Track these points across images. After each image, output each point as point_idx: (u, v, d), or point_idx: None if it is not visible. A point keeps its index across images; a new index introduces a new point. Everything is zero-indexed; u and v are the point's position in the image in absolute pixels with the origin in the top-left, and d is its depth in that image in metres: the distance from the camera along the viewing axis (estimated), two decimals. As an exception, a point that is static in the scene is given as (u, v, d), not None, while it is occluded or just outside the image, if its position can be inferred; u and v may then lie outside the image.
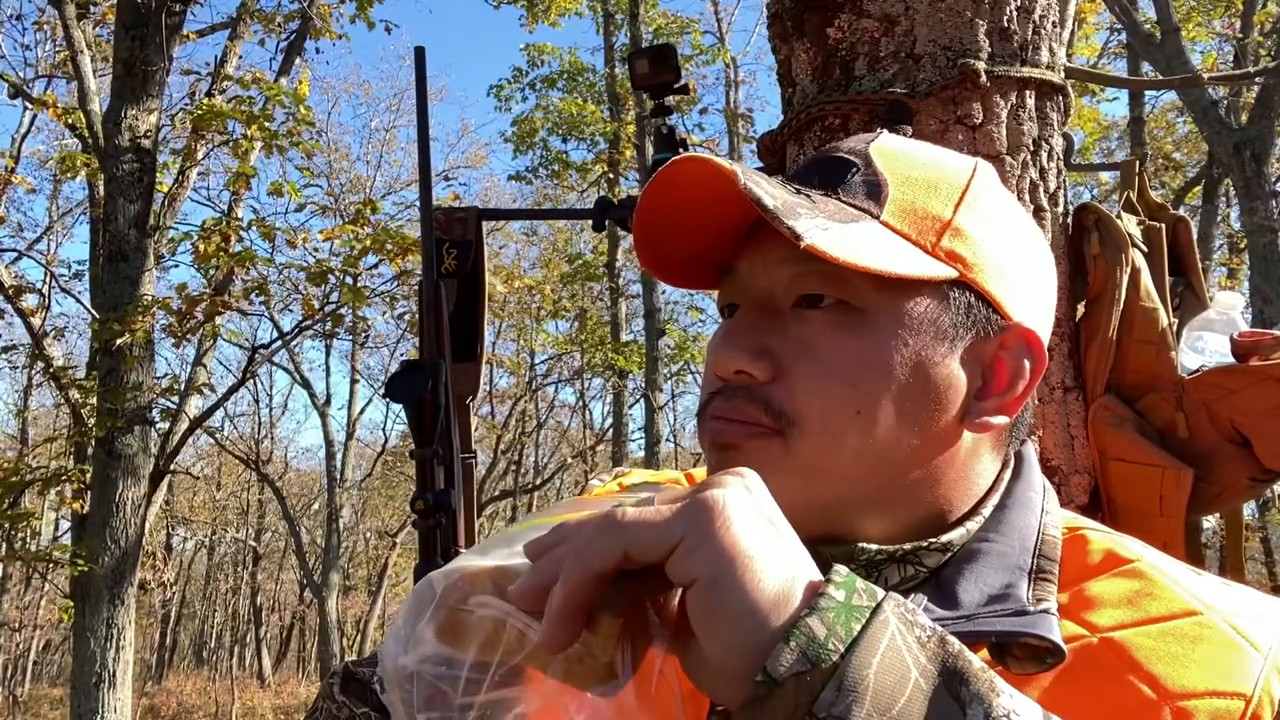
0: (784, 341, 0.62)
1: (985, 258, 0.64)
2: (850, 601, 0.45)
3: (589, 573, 0.45)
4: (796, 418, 0.61)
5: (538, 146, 14.42)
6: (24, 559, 7.19)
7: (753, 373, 0.62)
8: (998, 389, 0.64)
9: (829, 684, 0.42)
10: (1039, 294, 0.68)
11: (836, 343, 0.61)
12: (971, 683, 0.44)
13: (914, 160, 0.67)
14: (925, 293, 0.62)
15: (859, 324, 0.61)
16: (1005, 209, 0.67)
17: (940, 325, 0.62)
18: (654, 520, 0.46)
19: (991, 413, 0.64)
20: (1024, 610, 0.58)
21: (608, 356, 13.64)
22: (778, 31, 1.54)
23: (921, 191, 0.64)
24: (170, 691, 20.57)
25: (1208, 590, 0.60)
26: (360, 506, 23.78)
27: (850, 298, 0.61)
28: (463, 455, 1.45)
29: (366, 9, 7.93)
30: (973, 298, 0.63)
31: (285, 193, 7.32)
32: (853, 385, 0.61)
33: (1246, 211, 7.38)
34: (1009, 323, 0.64)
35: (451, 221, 1.54)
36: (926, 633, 0.45)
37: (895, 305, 0.62)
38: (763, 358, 0.62)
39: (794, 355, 0.62)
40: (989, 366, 0.64)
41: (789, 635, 0.43)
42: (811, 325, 0.62)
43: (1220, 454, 1.32)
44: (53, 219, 17.01)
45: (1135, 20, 7.68)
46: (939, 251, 0.62)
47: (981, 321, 0.64)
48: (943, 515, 0.64)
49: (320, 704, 0.83)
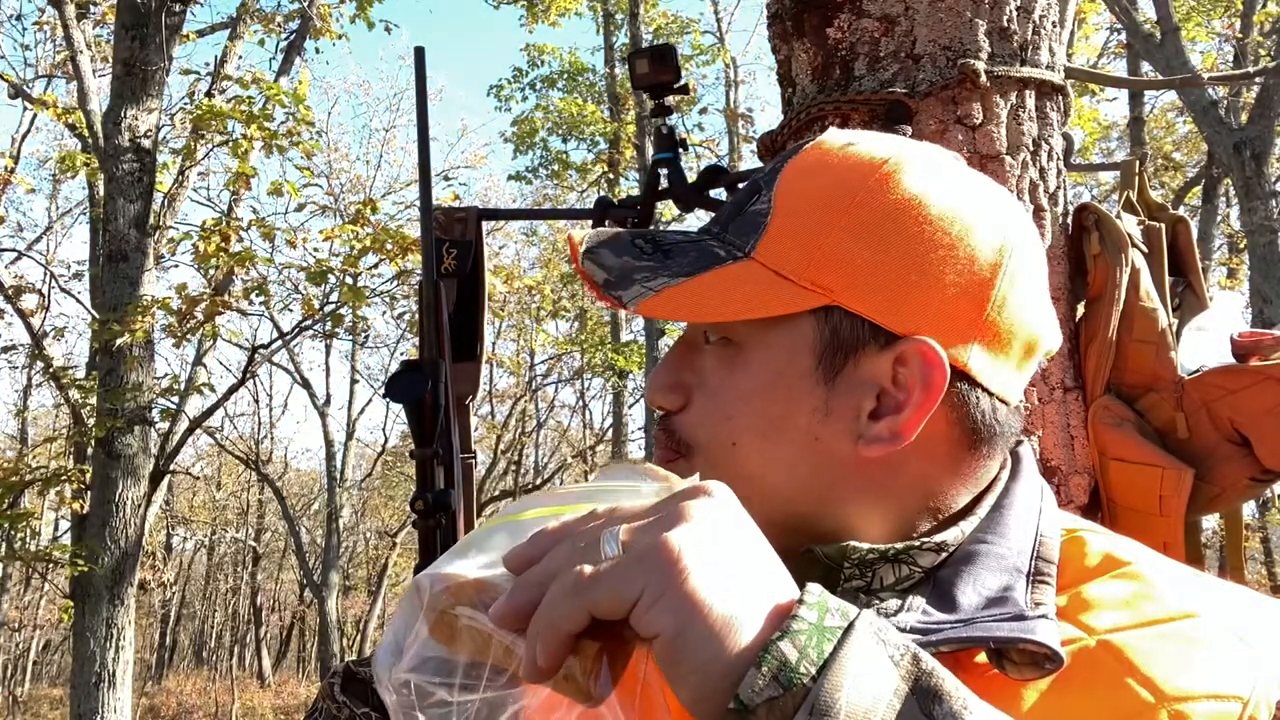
0: (692, 374, 0.67)
1: (860, 275, 0.61)
2: (822, 622, 0.45)
3: (559, 634, 0.46)
4: (691, 447, 0.66)
5: (538, 146, 14.44)
6: (24, 559, 7.19)
7: (665, 406, 0.68)
8: (889, 408, 0.62)
9: (801, 708, 0.42)
10: (964, 300, 0.62)
11: (720, 376, 0.65)
12: (945, 701, 0.44)
13: (815, 172, 0.65)
14: (796, 322, 0.63)
15: (736, 358, 0.65)
16: (917, 211, 0.62)
17: (812, 352, 0.63)
18: (614, 577, 0.45)
19: (885, 435, 0.61)
20: (1022, 615, 0.57)
21: (608, 356, 13.66)
22: (778, 31, 1.54)
23: (800, 215, 0.63)
24: (170, 691, 20.56)
25: (1206, 592, 0.60)
26: (360, 506, 23.78)
27: (729, 334, 0.65)
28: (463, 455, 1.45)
29: (366, 9, 7.93)
30: (848, 319, 0.62)
31: (285, 193, 7.32)
32: (729, 418, 0.64)
33: (1246, 211, 7.38)
34: (904, 338, 0.61)
35: (451, 221, 1.54)
36: (900, 651, 0.45)
37: (766, 337, 0.64)
38: (674, 391, 0.67)
39: (698, 388, 0.67)
40: (885, 384, 0.62)
41: (760, 660, 0.43)
42: (710, 360, 0.66)
43: (1220, 454, 1.32)
44: (52, 219, 17.02)
45: (1135, 20, 7.68)
46: (804, 280, 0.62)
47: (861, 341, 0.62)
48: (933, 514, 0.64)
49: (320, 704, 0.83)
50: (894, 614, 0.59)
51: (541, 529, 0.50)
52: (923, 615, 0.58)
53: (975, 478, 0.66)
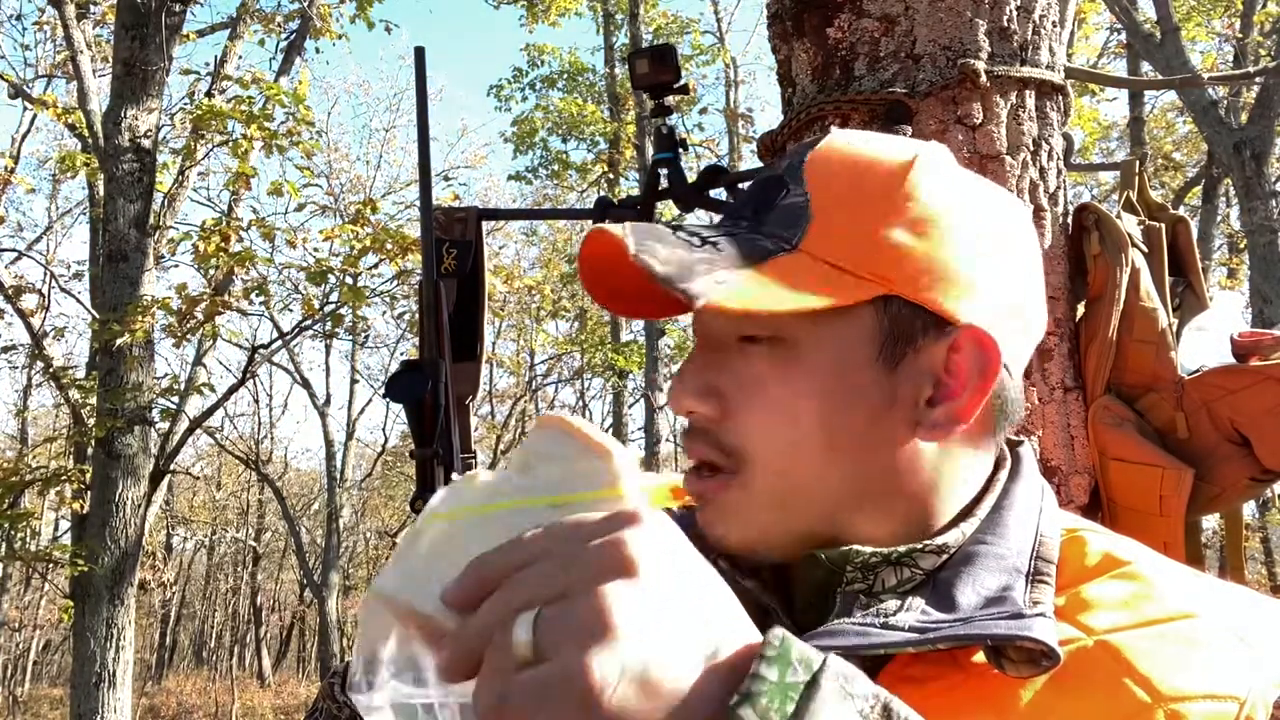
0: (730, 378, 0.64)
1: (919, 265, 0.62)
2: (785, 679, 0.42)
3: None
4: (745, 456, 0.63)
5: (538, 146, 14.44)
6: (24, 559, 7.19)
7: (699, 410, 0.65)
8: (949, 395, 0.63)
9: None
10: (994, 285, 0.65)
11: (774, 378, 0.63)
12: None
13: (846, 169, 0.65)
14: (854, 314, 0.62)
15: (792, 358, 0.62)
16: (950, 201, 0.65)
17: (874, 343, 0.62)
18: (522, 704, 0.41)
19: (944, 420, 0.63)
20: (1020, 613, 0.58)
21: (608, 356, 13.65)
22: (778, 31, 1.54)
23: (847, 208, 0.63)
24: (170, 691, 20.57)
25: (1204, 593, 0.60)
26: (360, 506, 23.78)
27: (780, 332, 0.63)
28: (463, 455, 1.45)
29: (366, 9, 7.93)
30: (908, 308, 0.62)
31: (285, 193, 7.32)
32: (793, 420, 0.62)
33: (1246, 211, 7.38)
34: (957, 325, 0.63)
35: (451, 221, 1.54)
36: (870, 703, 0.44)
37: (824, 333, 0.62)
38: (710, 397, 0.64)
39: (738, 392, 0.64)
40: (940, 372, 0.63)
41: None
42: (752, 361, 0.64)
43: (1220, 454, 1.32)
44: (52, 219, 17.03)
45: (1135, 20, 7.68)
46: (862, 271, 0.62)
47: (920, 330, 0.63)
48: (936, 516, 0.65)
49: (320, 704, 0.83)
50: (893, 614, 0.59)
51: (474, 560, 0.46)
52: (921, 615, 0.59)
53: (973, 478, 0.67)
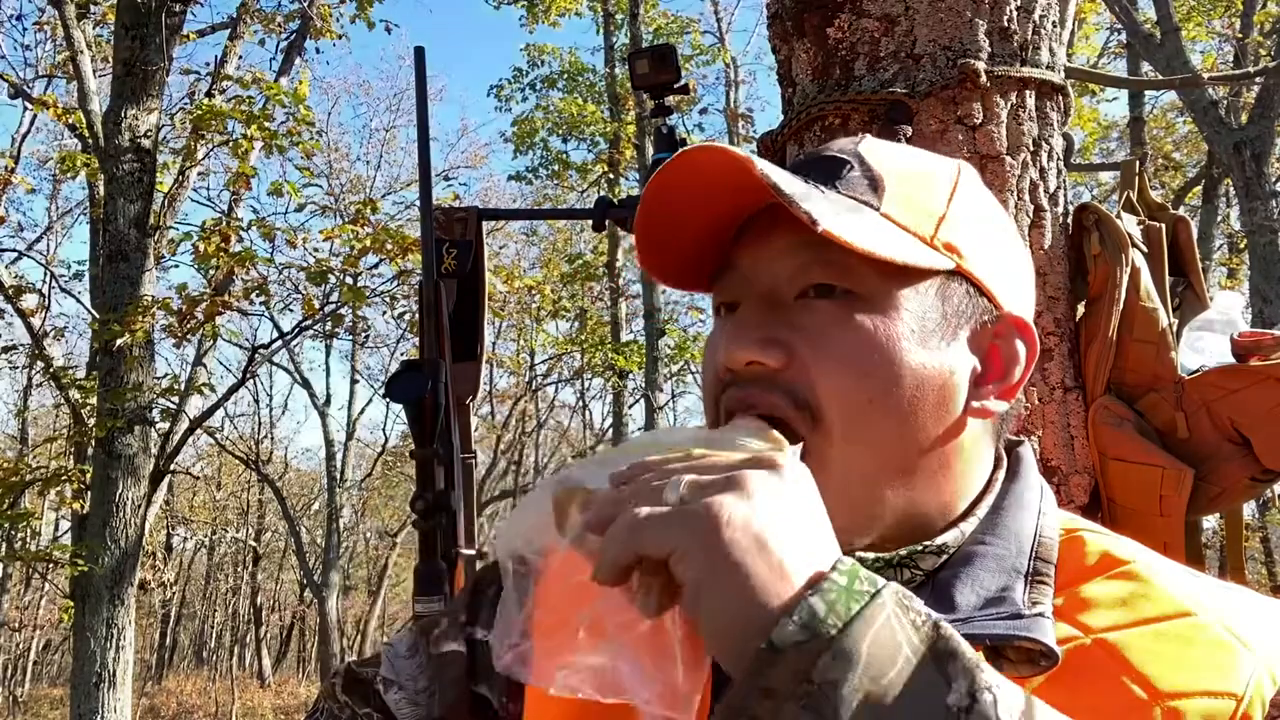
0: (793, 331, 0.63)
1: (977, 250, 0.66)
2: (852, 586, 0.48)
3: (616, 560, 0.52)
4: (819, 408, 0.62)
5: (538, 146, 14.42)
6: (24, 559, 7.18)
7: (765, 361, 0.62)
8: (995, 375, 0.66)
9: (825, 653, 0.46)
10: (1023, 286, 0.70)
11: (845, 332, 0.62)
12: (959, 660, 0.47)
13: (903, 158, 0.69)
14: (925, 282, 0.64)
15: (866, 313, 0.62)
16: (988, 205, 0.70)
17: (942, 314, 0.64)
18: (658, 527, 0.51)
19: (991, 397, 0.66)
20: (1019, 614, 0.58)
21: (608, 356, 13.64)
22: (778, 31, 1.54)
23: (916, 186, 0.66)
24: (170, 691, 20.56)
25: (1202, 592, 0.60)
26: (360, 506, 23.76)
27: (856, 287, 0.62)
28: (463, 455, 1.45)
29: (366, 9, 7.93)
30: (968, 287, 0.65)
31: (285, 193, 7.32)
32: (866, 374, 0.61)
33: (1246, 211, 7.38)
34: (1001, 311, 0.67)
35: (451, 221, 1.54)
36: (921, 617, 0.48)
37: (899, 295, 0.63)
38: (773, 345, 0.63)
39: (806, 343, 0.62)
40: (986, 354, 0.66)
41: (793, 611, 0.47)
42: (820, 314, 0.63)
43: (1220, 454, 1.32)
44: (53, 219, 17.02)
45: (1135, 20, 7.68)
46: (936, 243, 0.64)
47: (978, 311, 0.66)
48: (939, 515, 0.65)
49: (322, 704, 0.83)
50: None
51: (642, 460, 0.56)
52: None
53: (977, 476, 0.67)
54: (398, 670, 0.81)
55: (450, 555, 1.37)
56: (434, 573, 1.34)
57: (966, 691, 0.46)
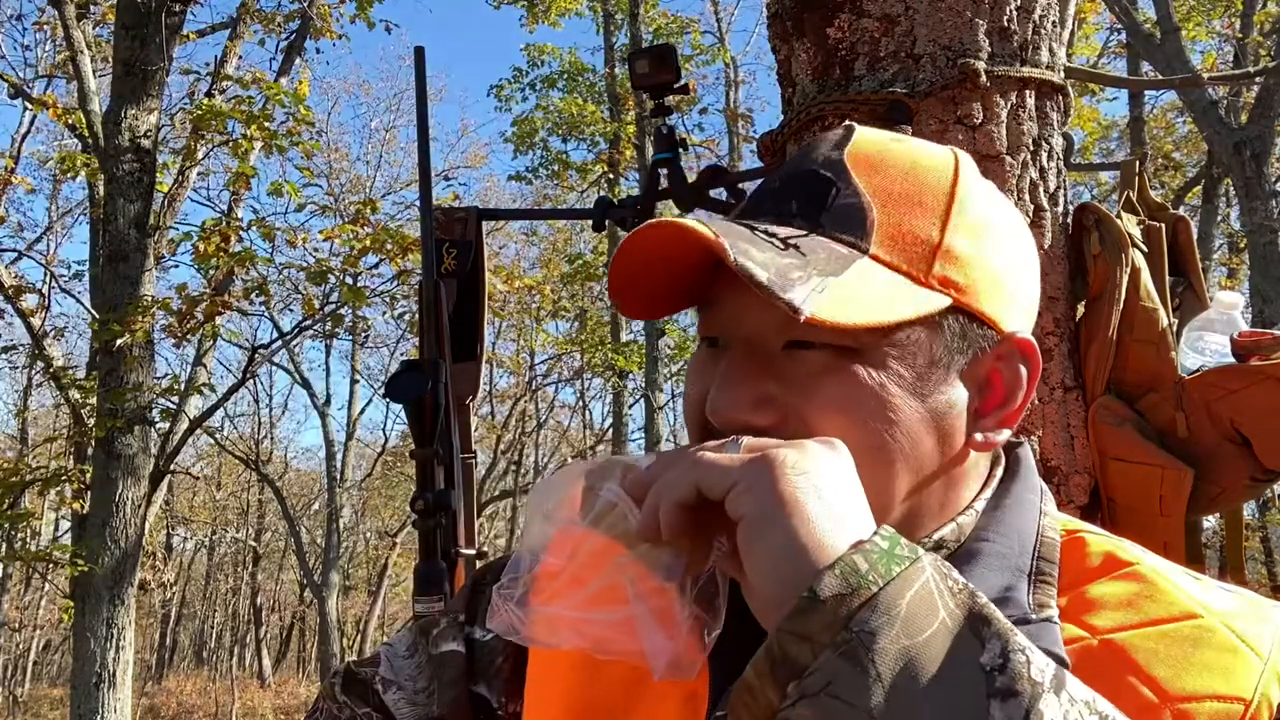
0: (782, 385, 0.61)
1: (977, 275, 0.62)
2: (893, 551, 0.50)
3: (671, 500, 0.54)
4: None
5: (538, 146, 14.41)
6: (24, 559, 7.19)
7: (756, 423, 0.60)
8: (995, 402, 0.64)
9: (865, 606, 0.47)
10: (1028, 292, 0.67)
11: (838, 383, 0.60)
12: (993, 624, 0.48)
13: (893, 169, 0.64)
14: (918, 323, 0.60)
15: (858, 362, 0.60)
16: (990, 209, 0.65)
17: (934, 353, 0.61)
18: (721, 463, 0.54)
19: (993, 428, 0.64)
20: (1026, 618, 0.58)
21: (608, 356, 13.64)
22: (778, 31, 1.54)
23: (907, 210, 0.62)
24: (170, 691, 20.56)
25: (1207, 593, 0.60)
26: (360, 506, 23.76)
27: (843, 340, 0.59)
28: (463, 455, 1.45)
29: (366, 9, 7.93)
30: (966, 320, 0.62)
31: (285, 193, 7.32)
32: (862, 424, 0.59)
33: (1246, 211, 7.38)
34: (1002, 334, 0.64)
35: (451, 221, 1.54)
36: (959, 585, 0.50)
37: (888, 340, 0.60)
38: (765, 405, 0.61)
39: (798, 396, 0.60)
40: (985, 382, 0.64)
41: (835, 565, 0.48)
42: (809, 364, 0.60)
43: (1220, 454, 1.32)
44: (53, 219, 17.01)
45: (1135, 20, 7.68)
46: (932, 280, 0.61)
47: (976, 341, 0.63)
48: (936, 515, 0.64)
49: (321, 704, 0.83)
50: None
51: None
52: None
53: (974, 475, 0.66)
54: (397, 670, 0.81)
55: (450, 555, 1.37)
56: (434, 573, 1.34)
57: (1000, 653, 0.47)
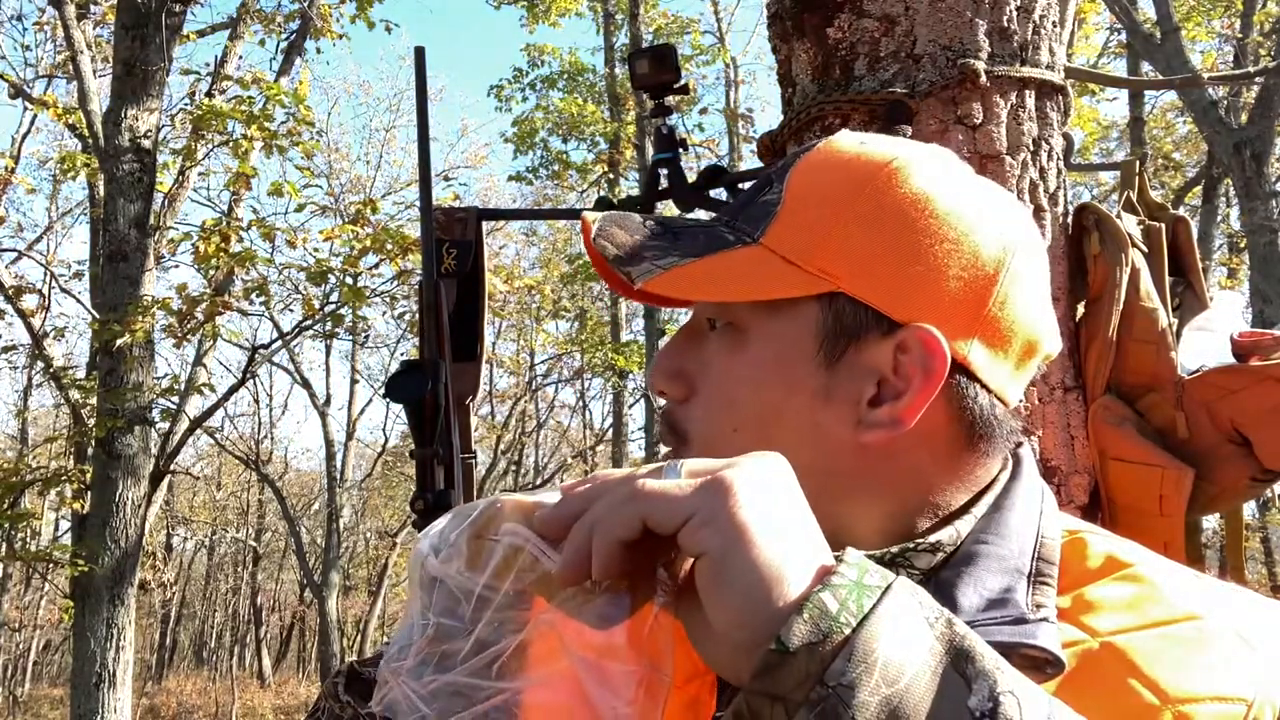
0: (697, 363, 0.68)
1: (864, 263, 0.62)
2: (862, 580, 0.47)
3: (608, 537, 0.48)
4: (687, 439, 0.66)
5: (538, 147, 14.42)
6: (24, 559, 7.19)
7: (668, 392, 0.68)
8: (893, 394, 0.62)
9: (840, 654, 0.44)
10: (951, 287, 0.62)
11: (724, 362, 0.66)
12: (977, 661, 0.45)
13: (828, 169, 0.67)
14: (801, 308, 0.64)
15: (740, 343, 0.65)
16: (918, 202, 0.64)
17: (815, 338, 0.63)
18: (671, 494, 0.48)
19: (885, 421, 0.62)
20: (1023, 618, 0.58)
21: (608, 356, 13.65)
22: (778, 31, 1.54)
23: (813, 205, 0.65)
24: (170, 691, 20.56)
25: (1208, 594, 0.60)
26: (360, 506, 23.77)
27: (734, 319, 0.66)
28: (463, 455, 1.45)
29: (366, 9, 7.93)
30: (852, 305, 0.63)
31: (285, 193, 7.33)
32: (731, 404, 0.65)
33: (1246, 211, 7.38)
34: (905, 325, 0.62)
35: (451, 221, 1.54)
36: (934, 614, 0.47)
37: (770, 323, 0.64)
38: (677, 379, 0.68)
39: (699, 375, 0.67)
40: (885, 372, 0.63)
41: (802, 608, 0.45)
42: (710, 346, 0.67)
43: (1220, 454, 1.32)
44: (53, 219, 17.01)
45: (1135, 20, 7.68)
46: (810, 265, 0.63)
47: (864, 327, 0.62)
48: (931, 512, 0.64)
49: (323, 704, 0.83)
50: None
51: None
52: None
53: (973, 476, 0.65)
54: (398, 670, 0.81)
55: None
56: (434, 573, 1.34)
57: (988, 695, 0.44)
